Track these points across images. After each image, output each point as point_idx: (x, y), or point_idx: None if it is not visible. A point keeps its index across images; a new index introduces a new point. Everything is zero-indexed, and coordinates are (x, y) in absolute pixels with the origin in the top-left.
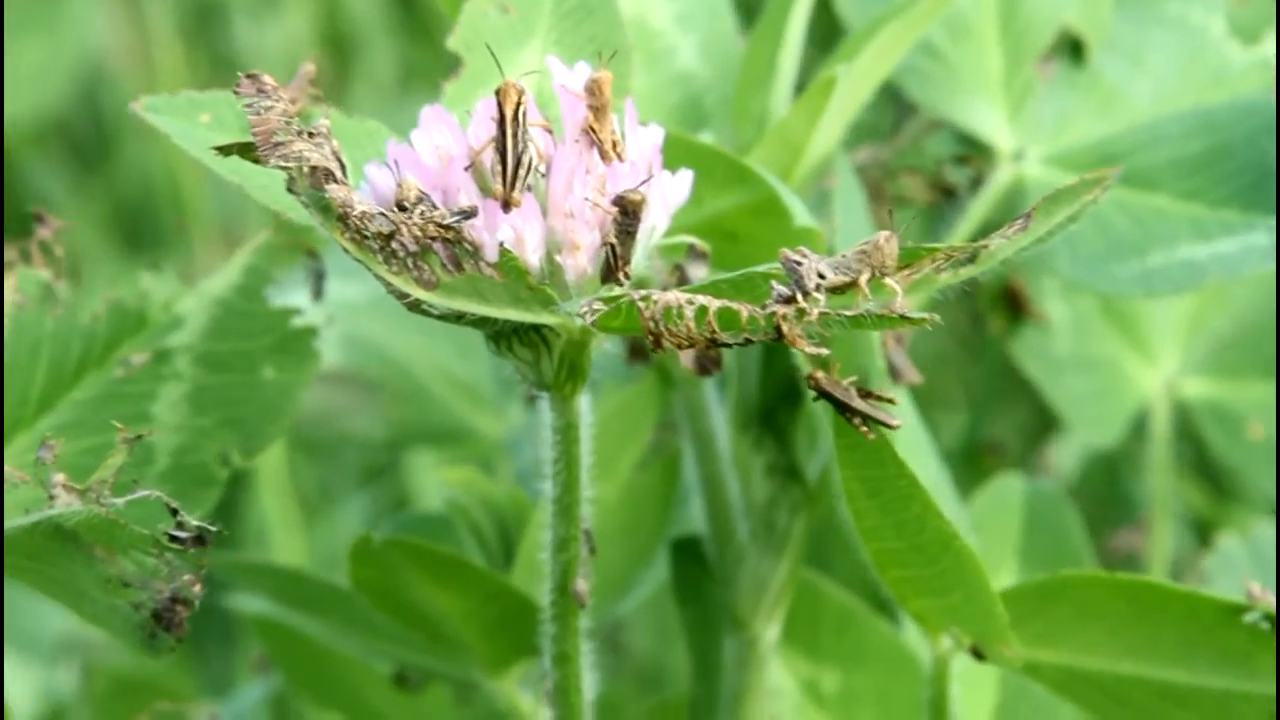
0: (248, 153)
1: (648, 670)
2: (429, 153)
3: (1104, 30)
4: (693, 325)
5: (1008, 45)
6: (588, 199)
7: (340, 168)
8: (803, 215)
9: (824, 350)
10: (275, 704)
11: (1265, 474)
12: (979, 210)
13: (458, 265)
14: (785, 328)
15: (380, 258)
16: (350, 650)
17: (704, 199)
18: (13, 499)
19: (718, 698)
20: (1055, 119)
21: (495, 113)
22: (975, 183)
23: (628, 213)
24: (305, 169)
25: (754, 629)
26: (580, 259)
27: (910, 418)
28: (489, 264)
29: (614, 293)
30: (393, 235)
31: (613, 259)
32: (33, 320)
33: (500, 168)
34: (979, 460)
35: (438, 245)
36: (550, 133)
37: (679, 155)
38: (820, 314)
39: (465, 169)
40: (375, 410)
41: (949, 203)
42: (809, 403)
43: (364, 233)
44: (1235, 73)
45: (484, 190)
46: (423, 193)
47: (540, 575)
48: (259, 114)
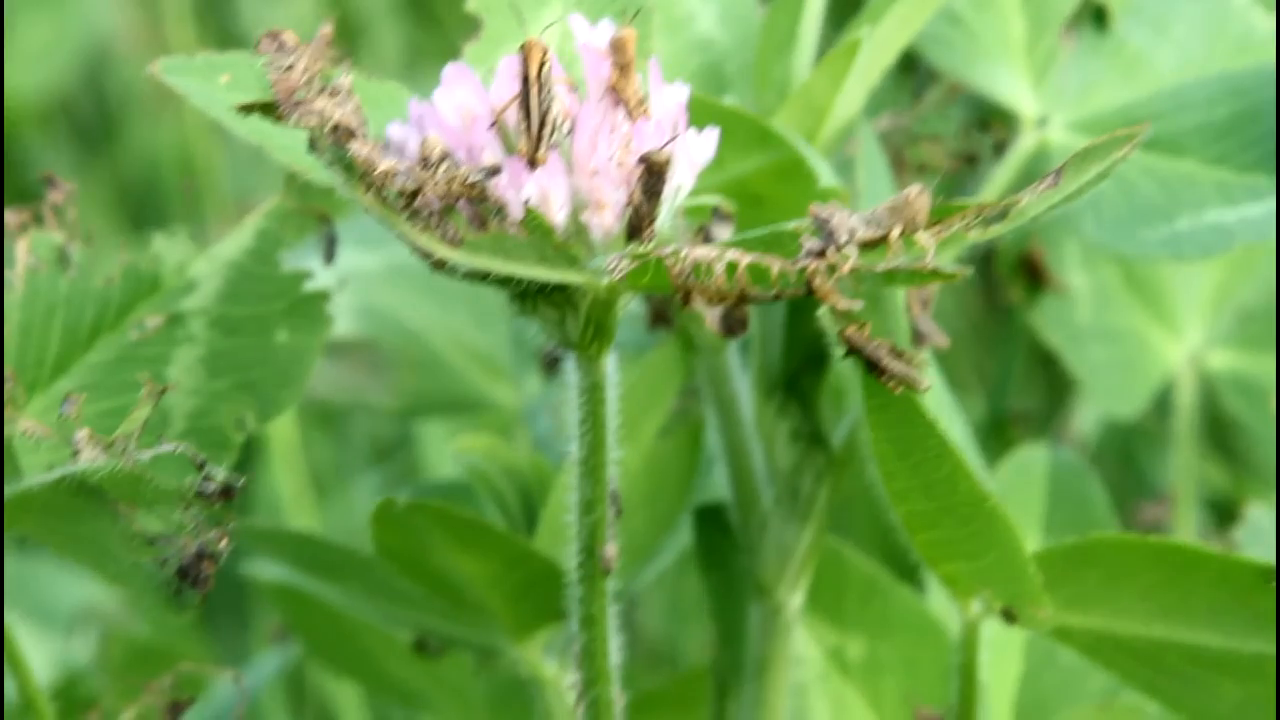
0: (269, 112)
1: (661, 648)
2: (452, 111)
3: None
4: (723, 280)
5: (1030, 12)
6: (613, 157)
7: (362, 126)
8: (828, 176)
9: (857, 304)
10: (291, 674)
11: None
12: (1002, 177)
13: (482, 223)
14: (817, 281)
15: (404, 216)
16: (369, 617)
17: (726, 161)
18: (35, 459)
19: (742, 665)
20: (1079, 86)
21: (520, 70)
22: (997, 150)
23: (653, 172)
24: (327, 127)
25: (778, 597)
26: (606, 217)
27: (937, 383)
28: (514, 222)
29: (643, 249)
30: (416, 193)
31: (638, 218)
32: (47, 283)
33: (525, 125)
34: (1004, 432)
35: (462, 203)
36: (574, 91)
37: (701, 117)
38: (852, 268)
39: (489, 127)
40: (388, 385)
41: (971, 170)
42: (834, 368)
43: (387, 191)
44: (1259, 41)
45: (508, 149)
46: (447, 150)
47: (565, 541)
48: (280, 72)
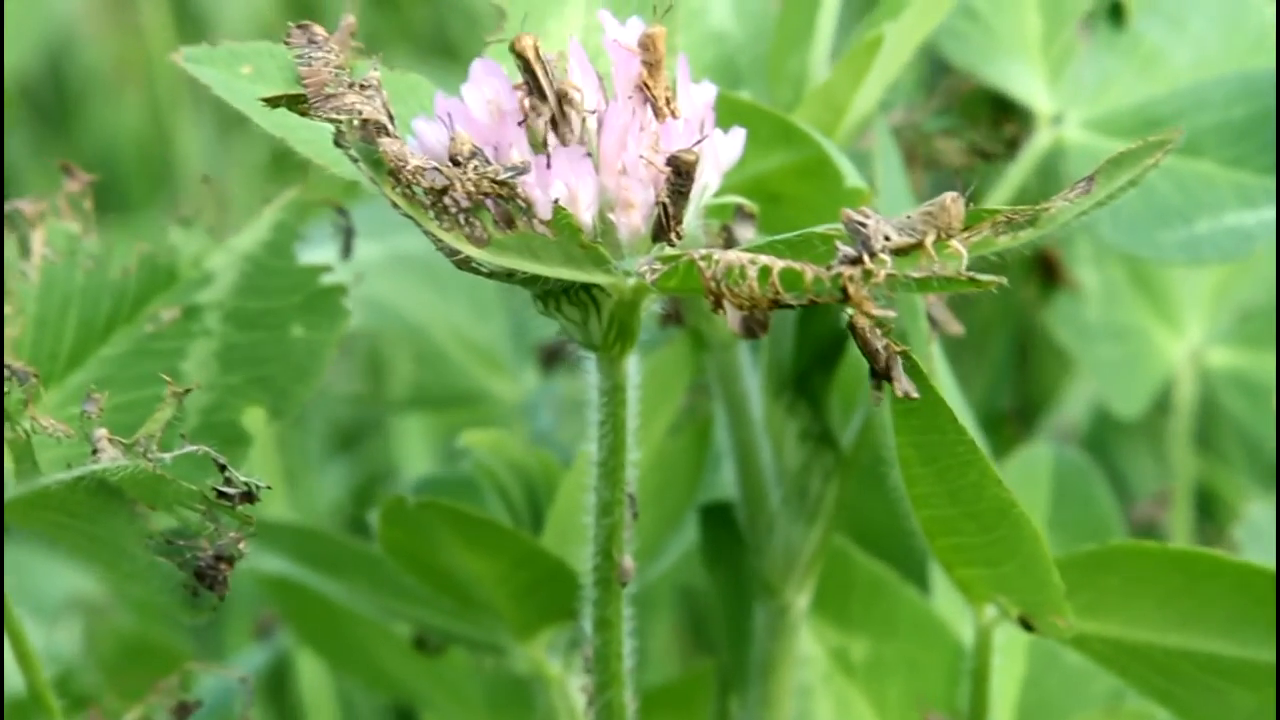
0: (296, 105)
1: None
2: (480, 107)
3: None
4: (755, 286)
5: (1047, 7)
6: (642, 157)
7: (391, 121)
8: (853, 176)
9: (890, 313)
10: (274, 672)
11: None
12: (1017, 174)
13: (510, 222)
14: (851, 289)
15: (431, 214)
16: (368, 612)
17: (748, 159)
18: (52, 454)
19: (746, 665)
20: (1095, 82)
21: (519, 63)
22: (1012, 146)
23: (681, 172)
24: (356, 122)
25: (785, 597)
26: (634, 217)
27: (950, 384)
28: (542, 221)
29: (674, 251)
30: (445, 191)
31: (665, 218)
32: (63, 275)
33: (544, 107)
34: (1000, 429)
35: (490, 201)
36: (601, 85)
37: (723, 114)
38: (887, 275)
39: (519, 124)
40: (353, 370)
41: (985, 166)
42: (844, 368)
43: (416, 188)
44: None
45: (535, 146)
46: (476, 147)
47: (572, 539)
48: (309, 65)
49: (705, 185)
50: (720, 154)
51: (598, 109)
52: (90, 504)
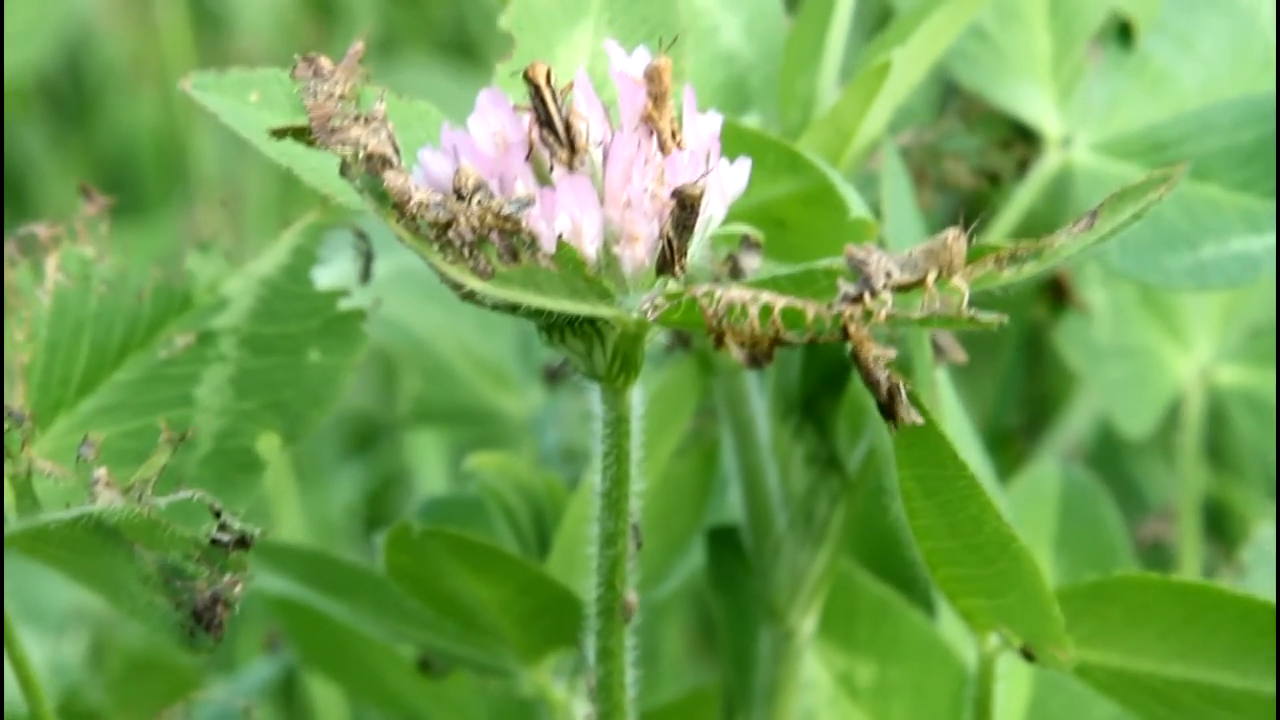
0: (302, 136)
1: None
2: (486, 139)
3: (1153, 13)
4: (757, 324)
5: (1056, 28)
6: (647, 189)
7: (397, 154)
8: (858, 207)
9: (891, 352)
10: (283, 683)
11: None
12: (1025, 197)
13: (514, 255)
14: (852, 328)
15: (435, 247)
16: (373, 634)
17: (754, 186)
18: (54, 489)
19: (751, 689)
20: (1103, 104)
21: (530, 91)
22: (1021, 168)
23: (686, 205)
24: (361, 155)
25: (790, 621)
26: (638, 251)
27: (955, 408)
28: (546, 254)
29: (676, 288)
30: (449, 225)
31: (670, 251)
32: (76, 300)
33: (554, 137)
34: (1007, 446)
35: (494, 235)
36: (607, 116)
37: (729, 142)
38: (888, 314)
39: (525, 159)
40: (362, 382)
41: (994, 188)
42: (851, 392)
43: (420, 221)
44: None
45: (540, 179)
46: (480, 181)
47: (579, 564)
48: (315, 98)
49: (711, 217)
50: (726, 185)
51: (603, 140)
52: (89, 541)
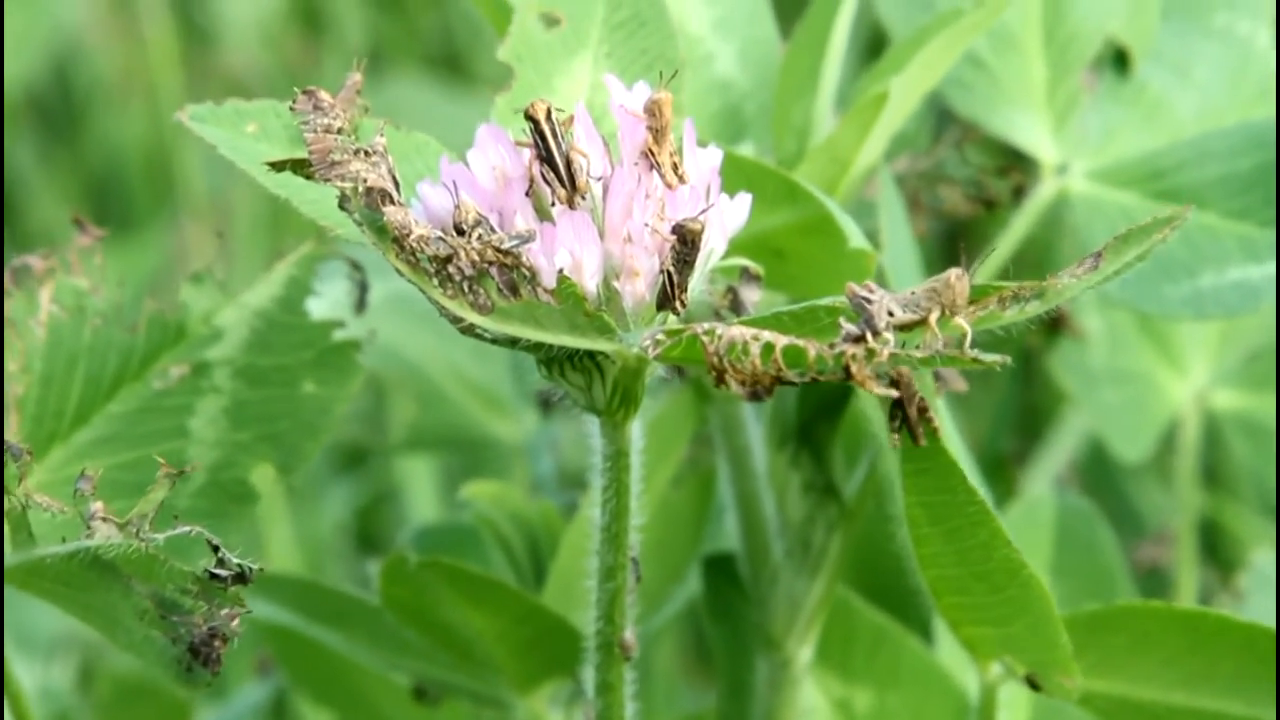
0: (301, 169)
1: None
2: (485, 173)
3: (1149, 41)
4: (758, 362)
5: (1052, 56)
6: (647, 224)
7: (396, 188)
8: (857, 237)
9: (893, 392)
10: (274, 707)
11: None
12: (1022, 225)
13: (514, 290)
14: (854, 368)
15: (435, 281)
16: (367, 662)
17: (753, 216)
18: (50, 523)
19: (748, 718)
20: (1099, 132)
21: (530, 126)
22: (1016, 195)
23: (687, 240)
24: (361, 189)
25: (787, 650)
26: (639, 285)
27: (956, 437)
28: (546, 289)
29: (677, 325)
30: (449, 259)
31: (670, 286)
32: (70, 332)
33: (554, 174)
34: (1003, 471)
35: (494, 269)
36: (607, 150)
37: (728, 172)
38: (890, 354)
39: (525, 194)
40: (355, 407)
41: (989, 215)
42: (848, 420)
43: (420, 255)
44: None
45: (540, 213)
46: (480, 215)
47: (575, 594)
48: (315, 132)
49: (711, 251)
50: (726, 220)
51: (603, 175)
52: (85, 576)
